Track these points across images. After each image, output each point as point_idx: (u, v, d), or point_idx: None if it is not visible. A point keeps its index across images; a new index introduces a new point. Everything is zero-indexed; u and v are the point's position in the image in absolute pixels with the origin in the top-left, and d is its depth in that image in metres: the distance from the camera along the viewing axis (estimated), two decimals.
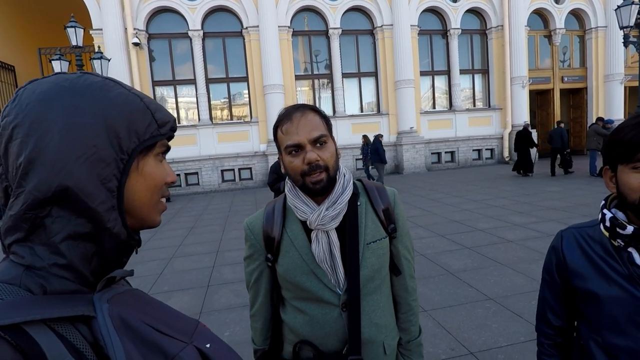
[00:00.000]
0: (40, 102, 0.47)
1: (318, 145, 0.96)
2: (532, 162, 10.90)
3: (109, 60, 10.08)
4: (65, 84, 0.48)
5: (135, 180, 0.52)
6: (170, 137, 0.58)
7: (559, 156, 10.76)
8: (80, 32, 9.19)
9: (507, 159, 14.63)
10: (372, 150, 10.15)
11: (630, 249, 0.87)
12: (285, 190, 1.06)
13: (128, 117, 0.50)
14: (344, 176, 1.03)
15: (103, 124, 0.48)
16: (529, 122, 14.39)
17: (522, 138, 10.99)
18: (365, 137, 10.77)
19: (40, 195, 0.45)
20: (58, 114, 0.46)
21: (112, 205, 0.48)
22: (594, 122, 10.91)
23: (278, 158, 1.07)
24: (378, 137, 10.44)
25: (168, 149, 0.59)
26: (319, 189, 0.96)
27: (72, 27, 9.01)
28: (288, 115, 0.98)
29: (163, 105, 0.58)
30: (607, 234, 0.90)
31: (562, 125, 11.18)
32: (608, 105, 15.44)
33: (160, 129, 0.54)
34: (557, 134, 10.75)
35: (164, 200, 0.58)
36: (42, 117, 0.46)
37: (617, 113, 15.11)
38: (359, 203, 1.06)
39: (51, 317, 0.41)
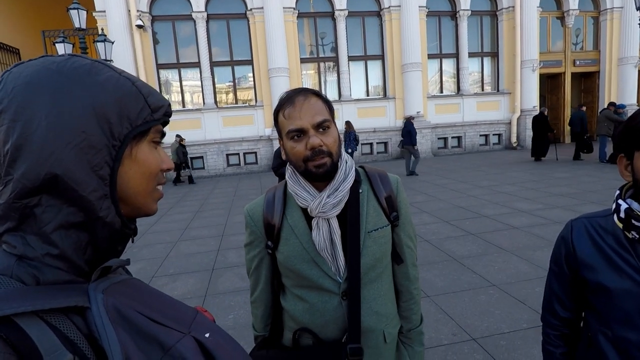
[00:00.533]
0: (27, 86, 0.45)
1: (321, 130, 0.93)
2: (546, 147, 10.87)
3: (112, 43, 9.98)
4: (52, 67, 0.46)
5: (129, 167, 0.50)
6: (165, 123, 0.56)
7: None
8: (84, 14, 9.09)
9: (514, 145, 14.45)
10: (405, 133, 10.01)
11: None
12: (286, 176, 1.04)
13: (119, 101, 0.48)
14: (346, 163, 1.01)
15: (92, 109, 0.46)
16: (537, 106, 14.20)
17: (538, 123, 10.90)
18: (348, 123, 10.52)
19: (29, 184, 0.43)
20: (45, 99, 0.44)
21: (105, 193, 0.47)
22: (605, 107, 10.70)
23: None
24: (410, 119, 10.26)
25: (163, 134, 0.57)
26: (322, 172, 0.93)
27: (74, 9, 8.90)
28: (290, 99, 0.95)
29: (168, 89, 0.55)
30: (621, 225, 0.87)
31: (584, 108, 11.03)
32: (621, 89, 15.07)
33: (154, 114, 0.52)
34: (578, 118, 10.63)
35: (160, 187, 0.57)
36: (28, 102, 0.44)
37: (630, 98, 14.77)
38: (360, 190, 1.04)
39: (43, 309, 0.40)
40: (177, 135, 11.27)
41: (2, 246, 0.46)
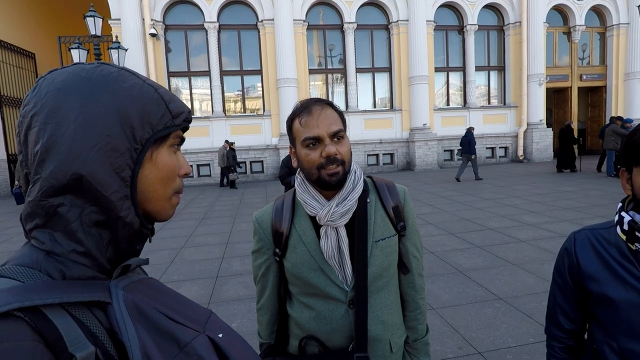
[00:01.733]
0: (58, 92, 0.48)
1: (336, 139, 0.95)
2: (574, 159, 11.08)
3: (126, 50, 10.18)
4: (82, 74, 0.49)
5: (149, 170, 0.52)
6: (185, 129, 0.58)
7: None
8: (99, 21, 9.31)
9: (521, 158, 14.39)
10: (466, 142, 10.21)
11: None
12: (295, 185, 1.05)
13: (142, 107, 0.51)
14: (355, 172, 1.02)
15: (117, 114, 0.49)
16: (544, 120, 14.18)
17: (564, 136, 11.07)
18: None
19: (56, 183, 0.46)
20: (74, 104, 0.47)
21: (125, 194, 0.49)
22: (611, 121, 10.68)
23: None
24: (470, 130, 10.51)
25: (182, 140, 0.59)
26: (335, 181, 0.95)
27: (91, 16, 9.13)
28: (307, 107, 0.97)
29: (177, 96, 0.58)
30: (624, 237, 0.88)
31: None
32: (628, 104, 15.03)
33: (174, 119, 0.54)
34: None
35: (179, 195, 0.58)
36: (59, 107, 0.47)
37: (636, 112, 14.71)
38: (368, 200, 1.05)
39: (69, 302, 0.42)
40: (226, 141, 11.61)
41: (32, 241, 0.48)
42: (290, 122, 1.00)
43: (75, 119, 0.46)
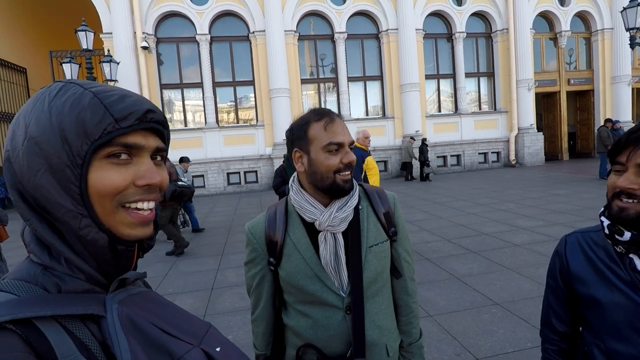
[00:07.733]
0: (17, 117, 0.49)
1: (349, 149, 1.02)
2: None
3: (118, 64, 10.19)
4: (36, 96, 0.50)
5: None
6: (157, 130, 0.53)
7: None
8: (91, 35, 9.31)
9: (513, 162, 14.54)
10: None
11: (631, 255, 0.86)
12: (291, 192, 1.06)
13: (76, 118, 0.46)
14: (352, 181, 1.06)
15: (56, 131, 0.46)
16: (534, 124, 14.34)
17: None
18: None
19: (23, 209, 0.49)
20: (22, 129, 0.48)
21: (79, 212, 0.47)
22: (602, 124, 10.80)
23: (285, 157, 1.09)
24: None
25: (162, 141, 0.54)
26: (348, 188, 1.00)
27: (82, 30, 9.13)
28: (329, 115, 1.02)
29: (170, 109, 0.57)
30: (610, 240, 0.90)
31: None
32: (615, 107, 15.29)
33: (120, 122, 0.47)
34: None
35: (142, 204, 0.50)
36: (14, 133, 0.49)
37: (624, 115, 14.97)
38: (360, 207, 1.07)
39: (61, 314, 0.43)
40: (411, 137, 12.67)
41: (30, 256, 0.50)
42: (306, 125, 1.01)
43: (22, 145, 0.47)
